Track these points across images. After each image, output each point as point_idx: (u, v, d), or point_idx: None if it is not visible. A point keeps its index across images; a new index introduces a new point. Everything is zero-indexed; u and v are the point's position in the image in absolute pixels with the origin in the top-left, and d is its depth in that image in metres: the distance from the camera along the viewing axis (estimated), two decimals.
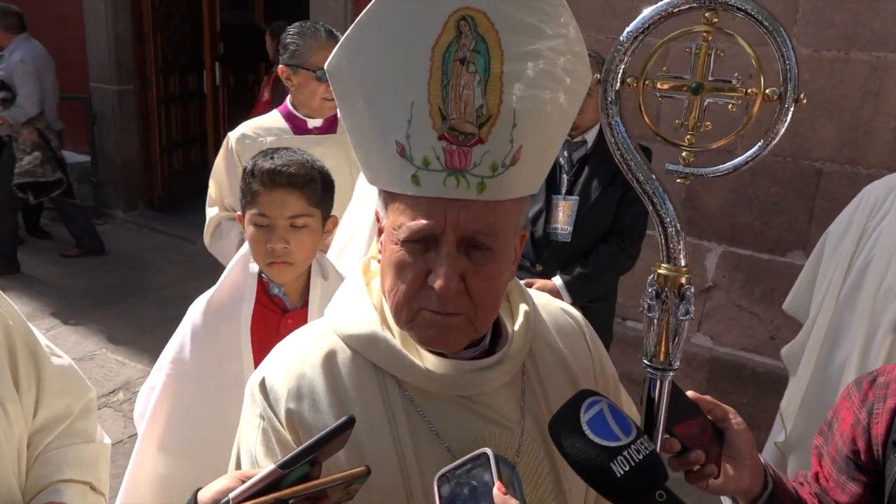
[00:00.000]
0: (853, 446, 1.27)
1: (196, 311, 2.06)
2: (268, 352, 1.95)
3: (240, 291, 2.03)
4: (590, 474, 0.93)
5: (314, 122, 3.11)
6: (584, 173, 3.18)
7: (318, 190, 1.94)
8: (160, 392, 2.06)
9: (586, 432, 0.93)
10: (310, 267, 2.05)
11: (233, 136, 3.07)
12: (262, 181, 1.90)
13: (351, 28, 1.02)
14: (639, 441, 0.93)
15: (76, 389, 1.72)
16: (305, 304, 2.04)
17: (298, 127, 3.10)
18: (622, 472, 0.90)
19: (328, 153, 2.64)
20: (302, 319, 1.99)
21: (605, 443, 0.92)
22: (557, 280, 3.19)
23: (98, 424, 1.80)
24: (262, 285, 2.04)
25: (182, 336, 2.06)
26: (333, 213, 2.10)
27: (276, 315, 2.03)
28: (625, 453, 0.91)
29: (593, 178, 3.16)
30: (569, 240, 3.16)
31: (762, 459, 1.21)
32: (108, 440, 1.81)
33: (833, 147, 4.03)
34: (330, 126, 3.12)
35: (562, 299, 3.13)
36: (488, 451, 0.92)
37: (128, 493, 2.11)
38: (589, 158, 3.20)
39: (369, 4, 1.00)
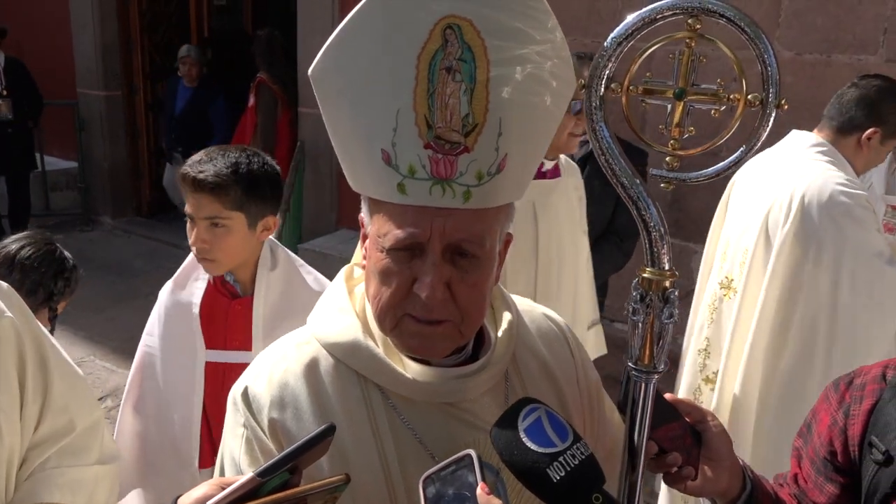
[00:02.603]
0: (830, 447, 1.28)
1: (163, 293, 2.25)
2: (218, 333, 2.10)
3: (196, 276, 2.18)
4: (528, 480, 0.96)
5: (548, 165, 2.69)
6: (587, 171, 3.26)
7: (236, 195, 1.98)
8: (136, 363, 2.30)
9: (523, 439, 0.96)
10: (258, 257, 2.14)
11: None
12: (181, 181, 2.01)
13: (336, 32, 1.01)
14: (575, 446, 0.96)
15: (82, 406, 1.65)
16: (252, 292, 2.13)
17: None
18: (558, 477, 0.93)
19: (560, 200, 2.67)
20: (250, 306, 2.10)
21: (541, 449, 0.95)
22: None
23: (110, 442, 1.75)
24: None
25: (154, 315, 2.28)
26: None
27: (227, 300, 2.14)
28: (560, 459, 0.94)
29: (594, 176, 3.22)
30: None
31: (741, 461, 1.22)
32: (114, 461, 1.75)
33: None
34: (557, 168, 2.75)
35: None
36: (472, 452, 0.93)
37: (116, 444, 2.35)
38: (590, 157, 3.27)
39: (354, 9, 0.99)
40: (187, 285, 2.19)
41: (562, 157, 2.75)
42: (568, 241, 2.73)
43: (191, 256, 2.17)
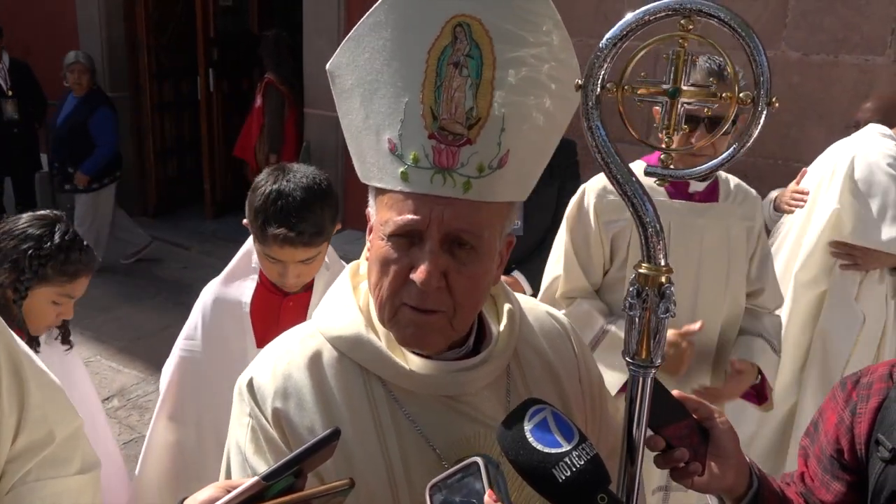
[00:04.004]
0: (837, 445, 1.29)
1: (207, 292, 2.23)
2: (269, 330, 2.06)
3: (245, 275, 2.19)
4: (534, 480, 0.96)
5: (697, 186, 2.39)
6: None
7: (326, 234, 2.02)
8: (173, 368, 2.25)
9: (529, 440, 0.97)
10: None
11: (591, 189, 2.48)
12: (275, 240, 1.96)
13: (354, 29, 1.07)
14: (580, 447, 0.97)
15: (61, 417, 1.63)
16: (307, 289, 2.16)
17: (678, 190, 2.40)
18: (563, 478, 0.94)
19: (708, 226, 2.37)
20: (303, 302, 2.14)
21: (546, 449, 0.96)
22: (517, 274, 3.24)
23: (91, 449, 1.72)
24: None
25: (195, 316, 2.23)
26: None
27: (278, 297, 2.16)
28: (566, 459, 0.95)
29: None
30: (521, 233, 3.23)
31: (748, 458, 1.22)
32: (95, 469, 1.73)
33: (823, 149, 4.05)
34: (712, 192, 2.45)
35: (524, 292, 3.19)
36: (479, 459, 0.94)
37: (145, 458, 2.32)
38: None
39: (372, 7, 1.04)
40: (236, 285, 2.20)
41: (733, 180, 2.49)
42: (711, 276, 2.40)
43: (237, 259, 2.21)
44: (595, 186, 2.47)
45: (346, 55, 1.08)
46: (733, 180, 2.50)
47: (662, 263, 1.08)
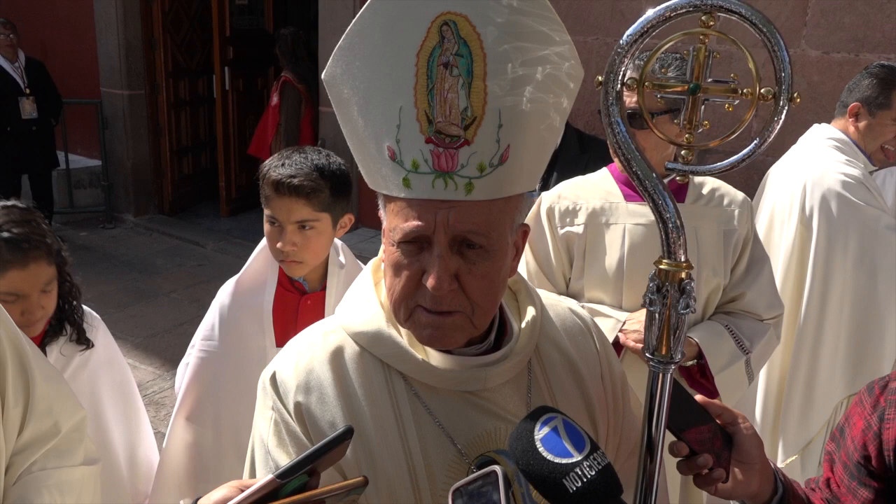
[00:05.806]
0: (864, 452, 1.27)
1: (224, 292, 2.23)
2: (288, 329, 2.11)
3: (263, 275, 2.19)
4: (545, 489, 0.95)
5: None
6: (556, 166, 3.25)
7: (325, 197, 2.01)
8: (191, 368, 2.25)
9: (539, 449, 0.96)
10: (328, 255, 2.18)
11: (546, 197, 2.43)
12: (271, 188, 2.00)
13: (343, 37, 1.05)
14: (591, 457, 0.95)
15: (65, 409, 1.66)
16: (324, 287, 2.17)
17: (634, 192, 2.32)
18: (574, 488, 0.93)
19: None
20: (320, 301, 2.15)
21: (557, 459, 0.95)
22: None
23: (91, 444, 1.75)
24: (283, 270, 2.17)
25: (212, 316, 2.23)
26: None
27: (296, 296, 2.18)
28: (577, 470, 0.93)
29: (561, 168, 3.21)
30: None
31: (772, 464, 1.21)
32: (97, 462, 1.75)
33: None
34: (676, 193, 2.30)
35: None
36: (497, 469, 0.93)
37: (164, 458, 2.34)
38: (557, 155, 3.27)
39: (359, 13, 1.03)
40: (254, 285, 2.20)
41: (711, 182, 2.36)
42: None
43: (255, 257, 2.21)
44: (550, 195, 2.43)
45: (340, 64, 1.06)
46: (711, 183, 2.37)
47: (682, 259, 1.07)
